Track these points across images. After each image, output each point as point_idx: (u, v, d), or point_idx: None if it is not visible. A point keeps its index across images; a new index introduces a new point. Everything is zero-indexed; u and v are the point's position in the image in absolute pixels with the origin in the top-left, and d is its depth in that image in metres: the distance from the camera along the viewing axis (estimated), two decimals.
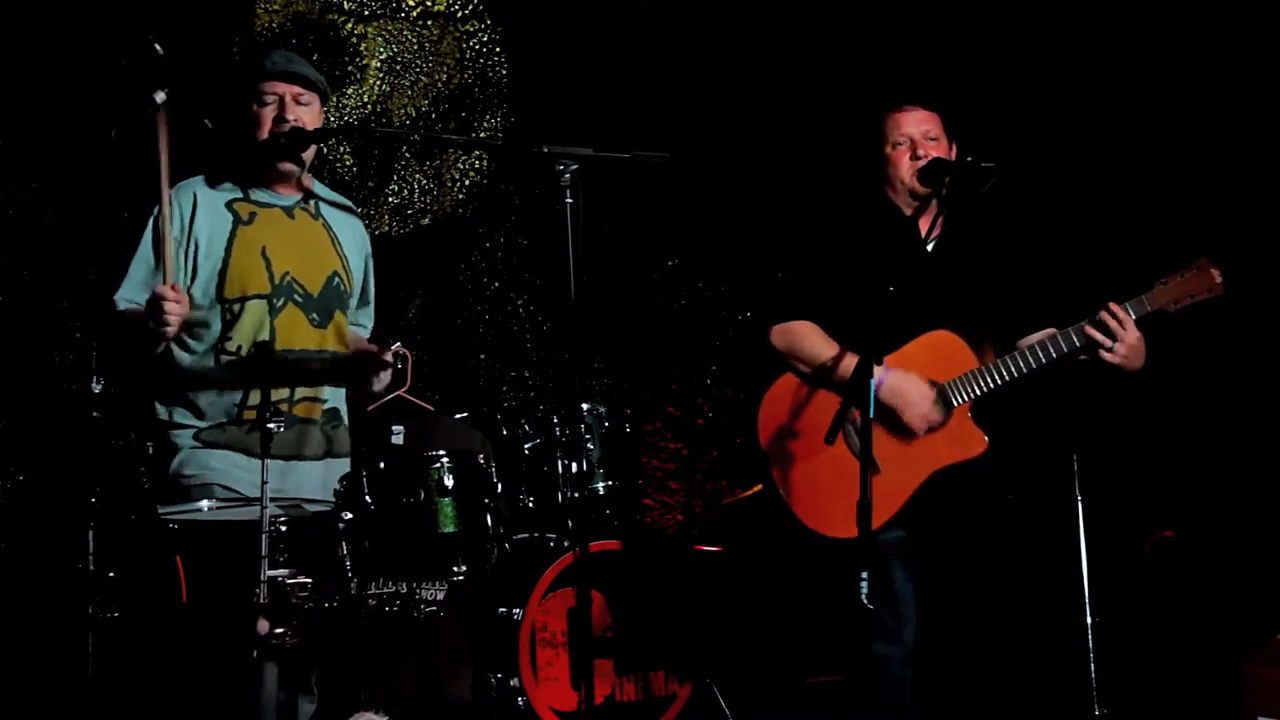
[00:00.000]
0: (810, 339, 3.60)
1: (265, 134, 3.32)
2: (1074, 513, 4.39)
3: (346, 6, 5.35)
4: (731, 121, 5.50)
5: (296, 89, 3.33)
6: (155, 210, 3.29)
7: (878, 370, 3.42)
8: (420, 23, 5.46)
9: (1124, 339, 3.40)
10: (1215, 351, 4.78)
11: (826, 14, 5.45)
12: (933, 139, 3.65)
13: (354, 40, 5.35)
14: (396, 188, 5.42)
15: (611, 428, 4.51)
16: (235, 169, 3.38)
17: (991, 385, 3.51)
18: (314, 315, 3.37)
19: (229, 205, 3.34)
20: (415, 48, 5.44)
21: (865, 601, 3.30)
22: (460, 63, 5.52)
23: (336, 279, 3.44)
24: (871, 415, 3.19)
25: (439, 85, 5.49)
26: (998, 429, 3.60)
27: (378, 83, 5.38)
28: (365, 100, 5.36)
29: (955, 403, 3.53)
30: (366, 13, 5.37)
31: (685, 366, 5.65)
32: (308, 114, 3.35)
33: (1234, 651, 3.60)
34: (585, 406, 4.44)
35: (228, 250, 3.30)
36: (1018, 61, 5.12)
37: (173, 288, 3.09)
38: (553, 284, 5.47)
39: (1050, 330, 3.56)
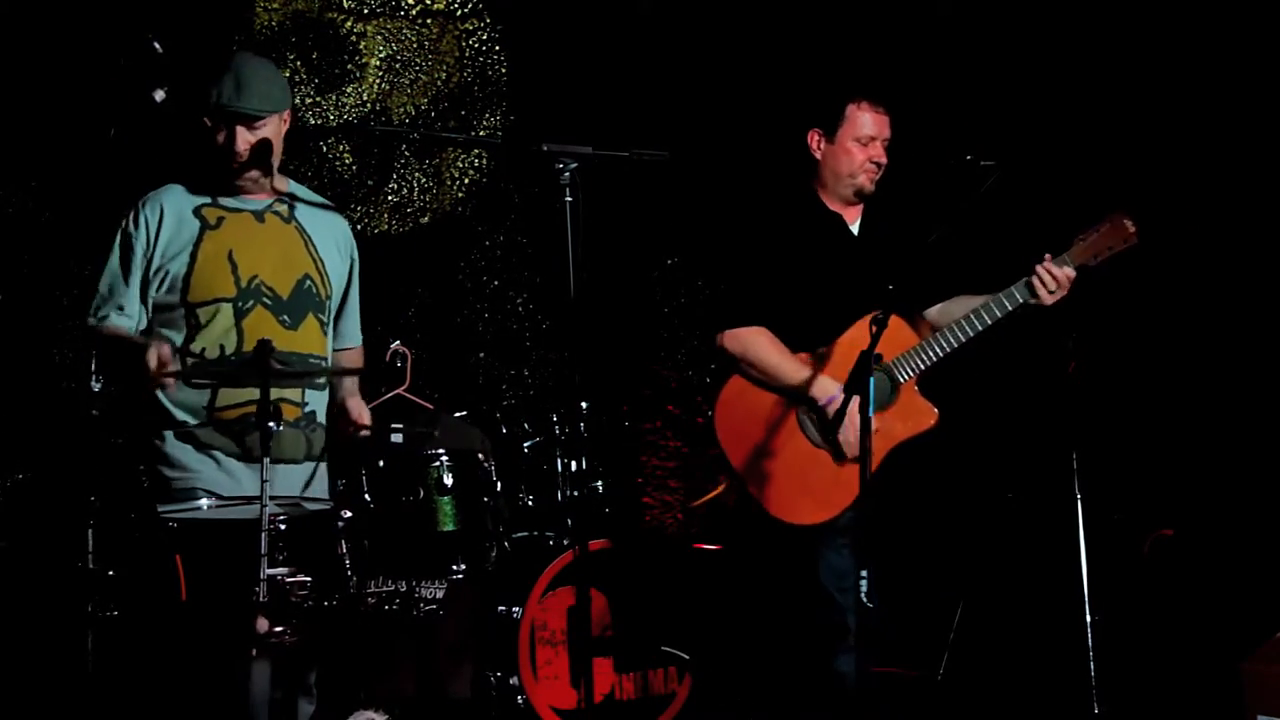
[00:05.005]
0: (763, 346, 3.67)
1: (221, 152, 3.29)
2: (1074, 512, 4.39)
3: (346, 5, 5.35)
4: (730, 120, 5.49)
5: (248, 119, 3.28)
6: (122, 224, 3.29)
7: (834, 386, 3.57)
8: (420, 21, 5.45)
9: (1061, 285, 3.59)
10: (1215, 351, 4.78)
11: (826, 14, 5.45)
12: (888, 148, 3.76)
13: (353, 39, 5.35)
14: (396, 186, 5.42)
15: (610, 427, 4.52)
16: (205, 175, 3.36)
17: (935, 358, 3.63)
18: (284, 317, 3.34)
19: (197, 211, 3.33)
20: (414, 46, 5.44)
21: (865, 600, 3.33)
22: (460, 61, 5.52)
23: (308, 281, 3.40)
24: (871, 413, 3.22)
25: (438, 84, 5.49)
26: (998, 429, 3.62)
27: (377, 81, 5.38)
28: (364, 99, 5.36)
29: (901, 379, 3.62)
30: (366, 11, 5.37)
31: (685, 366, 5.65)
32: (265, 131, 3.29)
33: (1234, 651, 3.60)
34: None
35: (193, 256, 3.29)
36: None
37: (160, 355, 3.08)
38: (552, 283, 5.47)
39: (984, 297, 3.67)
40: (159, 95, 3.63)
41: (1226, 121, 4.76)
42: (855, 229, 3.81)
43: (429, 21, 5.47)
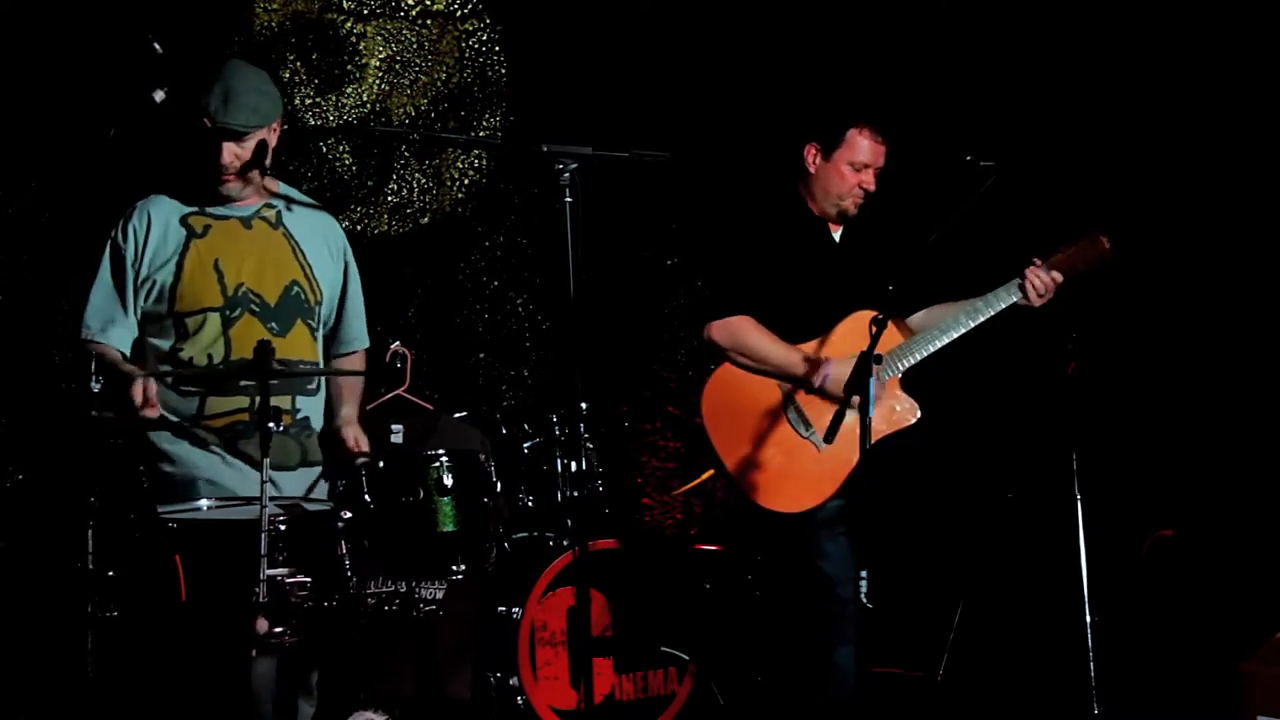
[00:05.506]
0: (751, 332, 3.73)
1: (208, 164, 3.29)
2: (1074, 512, 4.40)
3: (346, 5, 5.35)
4: (728, 120, 5.49)
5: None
6: (111, 234, 3.29)
7: (826, 364, 3.67)
8: (419, 22, 5.45)
9: (1050, 290, 3.69)
10: (1215, 351, 4.78)
11: (826, 13, 5.45)
12: (878, 175, 3.82)
13: (353, 39, 5.34)
14: (395, 187, 5.42)
15: (610, 427, 4.52)
16: (192, 182, 3.35)
17: (921, 357, 3.71)
18: (272, 324, 3.34)
19: (184, 220, 3.33)
20: (414, 47, 5.44)
21: (865, 600, 3.35)
22: (460, 62, 5.52)
23: (296, 288, 3.39)
24: (870, 415, 3.23)
25: (438, 84, 5.48)
26: (998, 429, 3.63)
27: (377, 82, 5.38)
28: (364, 99, 5.36)
29: (885, 376, 3.70)
30: (366, 12, 5.37)
31: (685, 366, 5.65)
32: (253, 144, 3.28)
33: (1234, 651, 3.60)
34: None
35: (180, 265, 3.29)
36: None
37: (145, 392, 3.09)
38: (552, 283, 5.47)
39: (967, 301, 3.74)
40: (159, 95, 3.62)
41: (1228, 122, 4.76)
42: (837, 237, 3.90)
43: (429, 22, 5.47)
